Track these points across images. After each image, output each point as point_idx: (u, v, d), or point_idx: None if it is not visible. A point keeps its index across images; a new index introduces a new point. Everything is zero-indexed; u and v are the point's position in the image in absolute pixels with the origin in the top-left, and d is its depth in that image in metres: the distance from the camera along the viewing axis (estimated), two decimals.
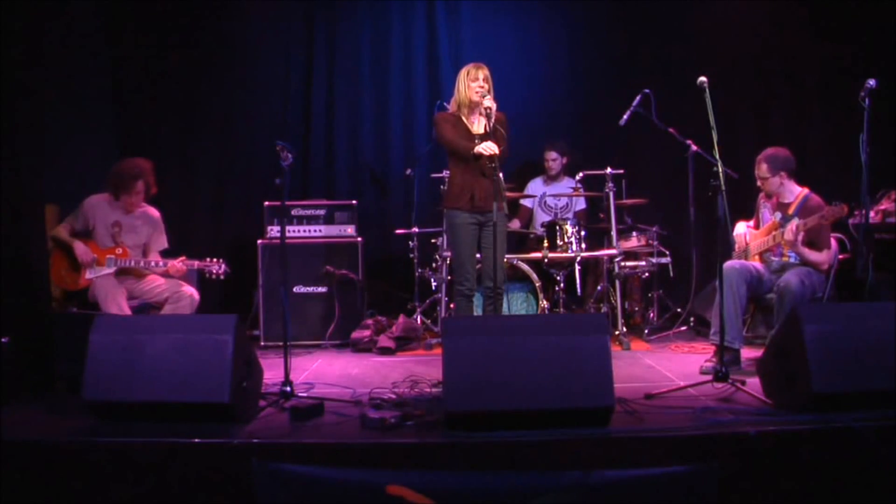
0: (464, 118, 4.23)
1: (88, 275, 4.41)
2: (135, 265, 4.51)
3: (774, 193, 4.39)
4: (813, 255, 4.21)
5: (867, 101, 3.80)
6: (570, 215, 5.82)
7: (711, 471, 2.63)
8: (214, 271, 4.54)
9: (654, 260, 5.52)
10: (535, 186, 5.93)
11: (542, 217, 5.86)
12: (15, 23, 3.89)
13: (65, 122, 4.85)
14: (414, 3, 6.26)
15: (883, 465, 2.77)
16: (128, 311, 4.31)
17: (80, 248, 4.41)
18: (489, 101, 4.03)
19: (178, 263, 4.49)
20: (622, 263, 5.31)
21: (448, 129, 4.19)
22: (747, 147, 5.46)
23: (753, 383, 3.46)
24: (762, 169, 4.36)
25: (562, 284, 5.29)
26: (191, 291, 4.48)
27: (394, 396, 3.54)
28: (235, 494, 2.76)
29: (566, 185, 5.83)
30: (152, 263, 4.53)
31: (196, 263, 4.54)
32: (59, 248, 4.44)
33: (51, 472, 2.84)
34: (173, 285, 4.50)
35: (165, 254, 4.69)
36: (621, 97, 5.31)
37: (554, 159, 5.79)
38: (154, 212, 4.74)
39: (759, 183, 4.44)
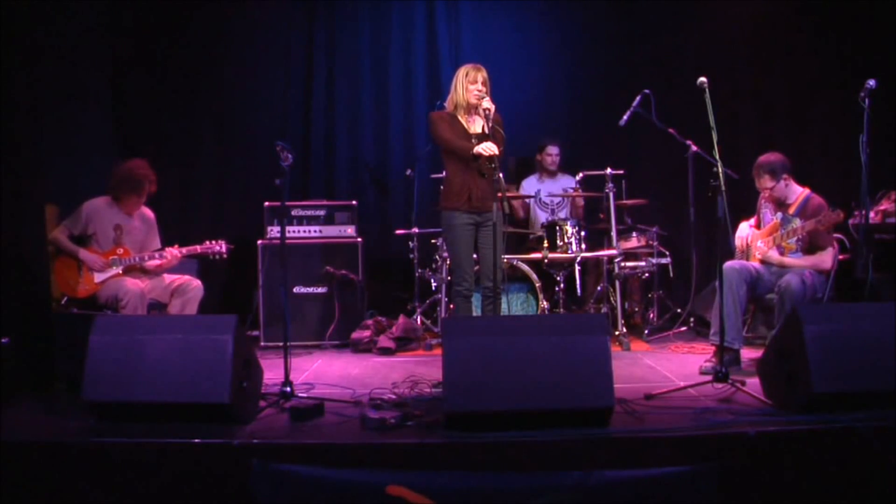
0: (460, 117, 4.22)
1: (98, 278, 4.42)
2: (138, 262, 4.53)
3: (783, 197, 4.38)
4: (804, 261, 4.23)
5: (867, 101, 3.80)
6: (565, 212, 5.82)
7: (711, 471, 2.64)
8: (217, 251, 4.59)
9: (654, 260, 5.52)
10: (530, 185, 5.94)
11: (539, 214, 5.87)
12: (15, 22, 3.89)
13: (65, 122, 4.85)
14: (414, 3, 6.27)
15: (883, 465, 2.77)
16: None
17: (86, 254, 4.42)
18: (488, 103, 4.01)
19: (174, 250, 4.54)
20: (622, 264, 5.31)
21: (445, 129, 4.16)
22: (748, 147, 5.47)
23: (753, 383, 3.46)
24: (765, 179, 4.34)
25: (562, 285, 5.29)
26: (197, 283, 4.54)
27: (394, 397, 3.53)
28: (235, 494, 2.76)
29: (563, 181, 5.85)
30: (154, 256, 4.55)
31: (198, 248, 4.60)
32: (62, 254, 4.44)
33: (51, 472, 2.84)
34: (178, 278, 4.55)
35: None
36: (621, 97, 5.31)
37: (557, 154, 5.80)
38: (149, 213, 4.77)
39: (765, 194, 4.43)
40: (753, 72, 6.12)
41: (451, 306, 4.72)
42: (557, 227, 5.17)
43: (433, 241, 5.53)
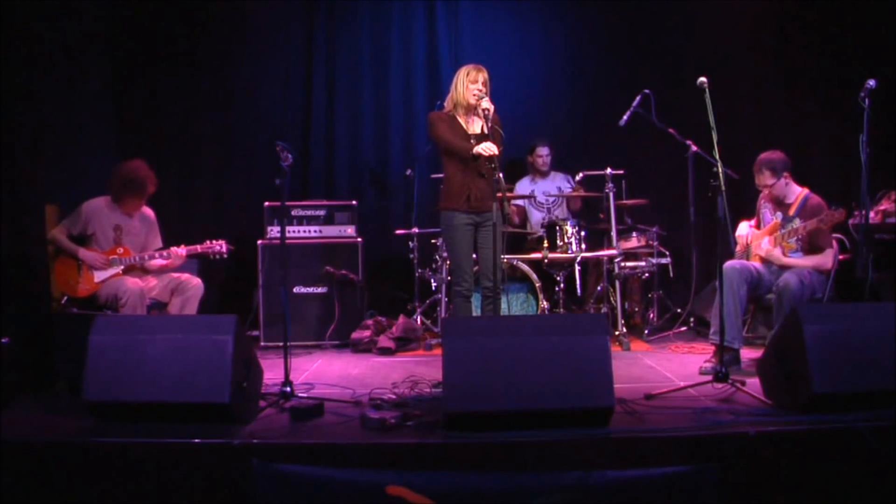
0: (459, 118, 4.22)
1: (98, 277, 4.42)
2: (139, 262, 4.53)
3: (782, 196, 4.38)
4: (806, 261, 4.23)
5: (867, 101, 3.80)
6: (561, 211, 5.82)
7: (711, 471, 2.64)
8: (217, 250, 4.60)
9: (654, 260, 5.52)
10: (523, 186, 5.94)
11: (535, 215, 5.86)
12: (15, 23, 3.89)
13: (65, 122, 4.84)
14: (414, 3, 6.27)
15: (883, 465, 2.77)
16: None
17: (86, 253, 4.42)
18: (487, 103, 4.01)
19: (178, 250, 4.54)
20: (622, 264, 5.31)
21: (444, 129, 4.16)
22: (748, 147, 5.46)
23: (753, 383, 3.46)
24: (765, 176, 4.34)
25: (562, 285, 5.29)
26: (197, 281, 4.54)
27: (394, 397, 3.53)
28: (235, 494, 2.76)
29: (557, 180, 5.85)
30: (155, 256, 4.56)
31: (198, 248, 4.60)
32: (62, 254, 4.44)
33: (51, 472, 2.84)
34: (178, 277, 4.55)
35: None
36: (621, 97, 5.31)
37: (547, 154, 5.81)
38: (150, 212, 4.76)
39: (764, 191, 4.43)
40: (753, 72, 6.12)
41: (451, 306, 4.72)
42: (557, 227, 5.18)
43: (433, 241, 5.53)
